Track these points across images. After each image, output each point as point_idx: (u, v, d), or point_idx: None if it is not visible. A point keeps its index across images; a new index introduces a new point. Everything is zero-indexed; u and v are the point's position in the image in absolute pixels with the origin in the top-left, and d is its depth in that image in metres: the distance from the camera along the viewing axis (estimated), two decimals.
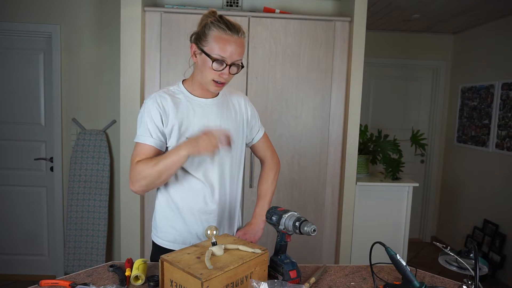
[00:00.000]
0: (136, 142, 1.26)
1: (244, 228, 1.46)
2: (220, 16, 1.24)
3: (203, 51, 1.22)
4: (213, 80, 1.24)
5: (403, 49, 4.15)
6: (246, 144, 1.48)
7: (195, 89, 1.33)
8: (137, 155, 1.24)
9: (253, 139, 1.49)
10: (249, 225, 1.46)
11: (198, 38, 1.25)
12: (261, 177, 1.54)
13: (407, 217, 2.92)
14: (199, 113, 1.30)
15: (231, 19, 1.28)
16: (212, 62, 1.20)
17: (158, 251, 1.35)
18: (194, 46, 1.26)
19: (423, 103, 4.32)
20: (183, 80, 1.38)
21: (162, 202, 1.35)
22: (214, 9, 1.29)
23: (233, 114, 1.38)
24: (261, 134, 1.50)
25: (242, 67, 1.27)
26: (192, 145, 1.16)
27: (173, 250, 1.30)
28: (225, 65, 1.21)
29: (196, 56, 1.26)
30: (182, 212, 1.33)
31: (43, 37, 2.86)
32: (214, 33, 1.21)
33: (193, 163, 1.30)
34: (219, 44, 1.20)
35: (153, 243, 1.40)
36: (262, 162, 1.56)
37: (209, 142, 1.14)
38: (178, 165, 1.19)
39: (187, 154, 1.17)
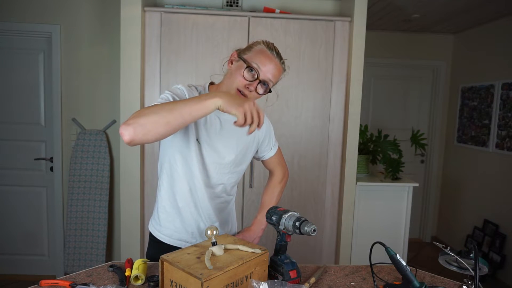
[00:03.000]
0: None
1: (242, 234, 1.47)
2: (272, 43, 1.26)
3: (241, 58, 1.21)
4: (238, 90, 1.19)
5: (403, 49, 4.15)
6: (254, 157, 1.48)
7: None
8: None
9: (263, 156, 1.49)
10: (248, 231, 1.47)
11: (243, 50, 1.25)
12: (268, 188, 1.55)
13: (407, 217, 2.92)
14: (215, 124, 1.29)
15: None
16: (246, 67, 1.18)
17: (154, 242, 1.41)
18: (235, 53, 1.25)
19: (423, 103, 4.32)
20: (210, 84, 1.35)
21: (164, 197, 1.37)
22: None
23: (245, 134, 1.36)
24: (272, 153, 1.49)
25: (270, 91, 1.24)
26: (232, 98, 1.01)
27: (168, 244, 1.36)
28: (256, 77, 1.18)
29: (232, 63, 1.25)
30: (182, 211, 1.35)
31: (43, 37, 2.86)
32: (260, 47, 1.22)
33: (201, 174, 1.30)
34: (260, 57, 1.19)
35: (150, 233, 1.44)
36: (270, 174, 1.57)
37: (251, 109, 1.00)
38: (199, 111, 1.01)
39: (219, 103, 1.00)
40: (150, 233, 1.44)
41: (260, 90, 1.20)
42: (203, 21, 2.43)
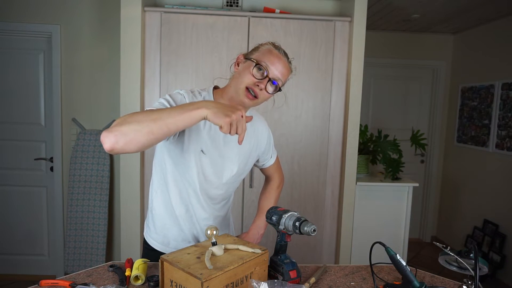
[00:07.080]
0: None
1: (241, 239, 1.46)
2: (279, 44, 1.25)
3: (249, 58, 1.19)
4: (247, 88, 1.16)
5: (403, 49, 4.15)
6: (254, 165, 1.47)
7: None
8: None
9: (263, 165, 1.48)
10: (246, 237, 1.45)
11: (249, 51, 1.23)
12: (265, 193, 1.54)
13: (407, 217, 2.92)
14: (219, 133, 1.25)
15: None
16: (255, 65, 1.16)
17: (149, 251, 1.37)
18: (241, 56, 1.23)
19: (423, 103, 4.32)
20: (214, 88, 1.30)
21: (161, 205, 1.33)
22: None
23: (247, 143, 1.33)
24: (272, 161, 1.48)
25: (280, 90, 1.21)
26: (220, 109, 0.95)
27: (163, 253, 1.31)
28: (265, 75, 1.16)
29: (238, 66, 1.22)
30: (180, 219, 1.32)
31: (43, 37, 2.86)
32: (267, 47, 1.21)
33: (200, 183, 1.27)
34: (268, 55, 1.18)
35: (145, 242, 1.40)
36: (268, 179, 1.56)
37: (238, 120, 0.96)
38: (184, 121, 0.96)
39: (205, 114, 0.96)
40: (145, 241, 1.39)
41: (270, 88, 1.18)
42: (203, 21, 2.43)
